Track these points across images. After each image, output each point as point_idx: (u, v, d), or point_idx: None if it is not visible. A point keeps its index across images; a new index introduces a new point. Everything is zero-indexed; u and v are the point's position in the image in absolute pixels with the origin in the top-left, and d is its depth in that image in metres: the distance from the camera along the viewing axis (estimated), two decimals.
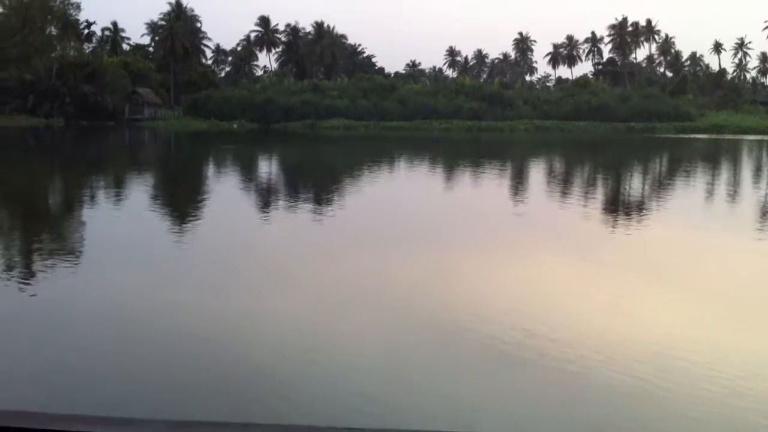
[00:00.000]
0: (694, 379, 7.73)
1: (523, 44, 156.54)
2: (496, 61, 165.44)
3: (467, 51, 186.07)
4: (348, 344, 8.87)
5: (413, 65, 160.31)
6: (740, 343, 9.14)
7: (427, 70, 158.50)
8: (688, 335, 9.31)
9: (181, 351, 8.57)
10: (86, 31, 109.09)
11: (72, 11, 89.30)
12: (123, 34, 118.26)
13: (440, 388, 7.57)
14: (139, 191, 26.01)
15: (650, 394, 7.34)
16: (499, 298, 11.10)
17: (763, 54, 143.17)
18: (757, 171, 39.65)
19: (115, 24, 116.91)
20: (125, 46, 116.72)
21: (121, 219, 19.24)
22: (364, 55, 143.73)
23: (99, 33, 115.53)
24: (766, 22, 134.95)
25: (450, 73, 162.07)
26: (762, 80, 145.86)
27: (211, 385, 7.56)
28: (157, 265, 13.32)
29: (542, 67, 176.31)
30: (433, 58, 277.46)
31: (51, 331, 9.21)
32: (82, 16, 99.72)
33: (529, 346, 8.71)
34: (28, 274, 12.26)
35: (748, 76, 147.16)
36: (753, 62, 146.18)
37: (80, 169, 35.58)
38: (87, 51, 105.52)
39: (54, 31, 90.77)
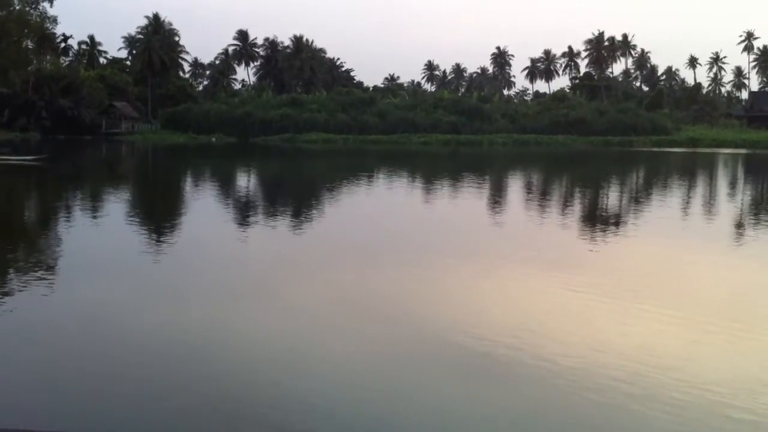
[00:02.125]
0: (672, 389, 7.77)
1: (500, 58, 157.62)
2: (474, 75, 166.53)
3: (445, 65, 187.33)
4: (330, 360, 8.81)
5: (392, 79, 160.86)
6: (715, 354, 9.22)
7: (405, 84, 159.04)
8: (665, 346, 9.36)
9: (161, 367, 8.47)
10: (63, 44, 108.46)
11: (49, 24, 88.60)
12: (100, 48, 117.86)
13: (425, 403, 7.54)
14: (121, 205, 25.79)
15: (633, 405, 7.38)
16: (482, 312, 11.09)
17: (738, 68, 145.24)
18: (732, 183, 40.06)
19: (92, 37, 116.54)
20: (102, 60, 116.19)
21: (103, 233, 19.06)
22: (343, 68, 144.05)
23: (76, 46, 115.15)
24: (740, 36, 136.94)
25: (428, 87, 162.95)
26: (737, 94, 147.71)
27: (190, 401, 7.47)
28: (137, 279, 13.15)
29: (520, 81, 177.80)
30: (411, 72, 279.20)
31: (32, 347, 9.08)
32: (59, 30, 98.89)
33: (513, 359, 8.71)
34: (5, 288, 12.10)
35: (723, 90, 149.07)
36: (728, 76, 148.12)
37: (61, 183, 35.27)
38: (64, 64, 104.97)
39: (30, 44, 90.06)
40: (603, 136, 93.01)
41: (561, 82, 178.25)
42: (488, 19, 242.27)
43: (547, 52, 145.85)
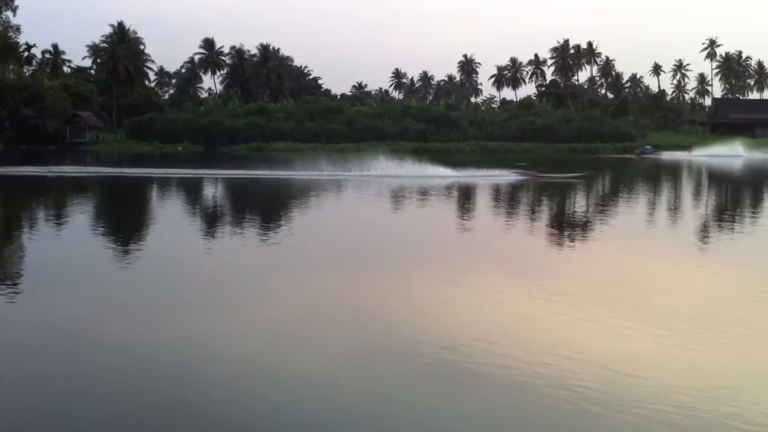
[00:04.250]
0: (637, 398, 7.82)
1: (468, 66, 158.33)
2: (442, 83, 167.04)
3: (413, 73, 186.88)
4: (306, 370, 8.75)
5: (359, 87, 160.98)
6: (679, 361, 9.28)
7: (373, 92, 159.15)
8: (631, 354, 9.41)
9: (138, 379, 8.37)
10: (26, 53, 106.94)
11: (12, 33, 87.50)
12: (64, 57, 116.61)
13: (397, 413, 7.52)
14: (86, 220, 25.47)
15: (605, 411, 7.40)
16: (452, 321, 11.07)
17: (701, 75, 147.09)
18: (696, 189, 40.62)
19: (55, 46, 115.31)
20: (66, 69, 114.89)
21: (68, 246, 18.86)
22: (310, 77, 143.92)
23: (39, 55, 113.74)
24: (703, 43, 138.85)
25: (396, 94, 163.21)
26: (700, 101, 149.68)
27: (166, 413, 7.40)
28: (110, 292, 12.97)
29: (487, 88, 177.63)
30: (379, 80, 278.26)
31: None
32: (22, 39, 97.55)
33: (483, 369, 8.71)
34: None
35: (686, 97, 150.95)
36: (691, 83, 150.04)
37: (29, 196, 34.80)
38: (27, 74, 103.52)
39: None
40: (569, 143, 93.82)
41: (527, 89, 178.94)
42: (455, 27, 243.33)
43: (513, 60, 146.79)
